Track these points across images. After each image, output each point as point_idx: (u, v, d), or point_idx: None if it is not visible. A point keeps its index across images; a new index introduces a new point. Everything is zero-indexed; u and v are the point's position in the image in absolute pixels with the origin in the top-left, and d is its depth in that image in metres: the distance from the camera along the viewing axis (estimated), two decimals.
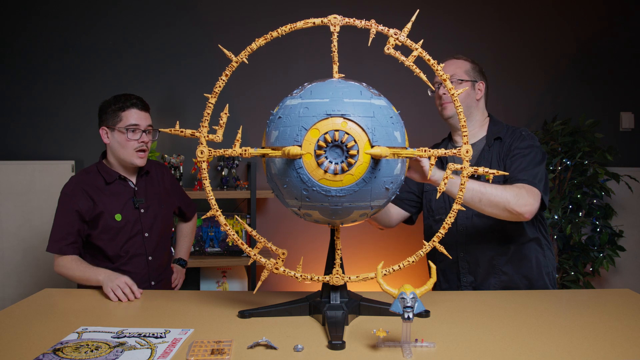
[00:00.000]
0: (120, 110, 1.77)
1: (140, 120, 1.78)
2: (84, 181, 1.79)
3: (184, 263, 2.14)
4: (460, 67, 1.73)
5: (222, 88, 1.24)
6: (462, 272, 1.71)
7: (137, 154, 1.79)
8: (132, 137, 1.77)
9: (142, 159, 1.80)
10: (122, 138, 1.77)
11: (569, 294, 1.65)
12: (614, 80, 3.39)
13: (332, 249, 1.32)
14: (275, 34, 1.21)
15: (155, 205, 1.88)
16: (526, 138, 1.68)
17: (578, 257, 3.02)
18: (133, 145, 1.77)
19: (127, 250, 1.79)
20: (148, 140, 1.80)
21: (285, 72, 3.14)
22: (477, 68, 1.76)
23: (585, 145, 3.01)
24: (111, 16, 2.99)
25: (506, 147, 1.68)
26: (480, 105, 1.76)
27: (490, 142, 1.72)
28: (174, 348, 1.11)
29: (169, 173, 2.01)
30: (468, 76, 1.73)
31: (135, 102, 1.79)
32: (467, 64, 1.75)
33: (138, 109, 1.79)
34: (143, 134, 1.78)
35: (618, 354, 1.08)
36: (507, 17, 3.31)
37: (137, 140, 1.77)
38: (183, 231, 2.18)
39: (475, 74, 1.75)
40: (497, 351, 1.10)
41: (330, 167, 1.13)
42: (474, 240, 1.69)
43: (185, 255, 2.16)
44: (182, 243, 2.17)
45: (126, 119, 1.77)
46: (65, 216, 1.74)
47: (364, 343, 1.14)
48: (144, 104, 1.82)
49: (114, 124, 1.77)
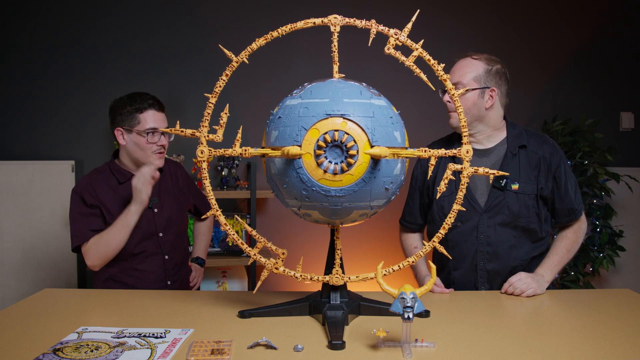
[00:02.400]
0: (138, 112, 1.73)
1: (159, 123, 1.74)
2: (95, 181, 1.78)
3: (202, 262, 2.11)
4: (472, 72, 1.62)
5: (222, 88, 1.24)
6: (480, 282, 1.66)
7: (156, 156, 1.76)
8: (152, 140, 1.73)
9: (161, 159, 1.77)
10: (142, 141, 1.73)
11: (569, 294, 1.65)
12: (614, 80, 3.40)
13: (332, 249, 1.32)
14: (276, 34, 1.21)
15: (169, 205, 1.85)
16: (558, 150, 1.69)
17: (578, 257, 3.02)
18: (152, 148, 1.74)
19: (141, 249, 1.77)
20: (166, 143, 1.77)
21: (285, 72, 3.14)
22: (494, 70, 1.63)
23: (585, 145, 3.01)
24: (111, 16, 2.99)
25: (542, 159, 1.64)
26: (494, 112, 1.65)
27: (514, 149, 1.65)
28: (174, 348, 1.11)
29: (182, 171, 1.98)
30: (477, 83, 1.61)
31: (152, 102, 1.75)
32: (480, 66, 1.62)
33: (155, 110, 1.75)
34: (162, 137, 1.75)
35: (618, 354, 1.08)
36: (507, 17, 3.31)
37: (156, 144, 1.74)
38: (200, 229, 2.15)
39: (488, 78, 1.62)
40: (497, 351, 1.10)
41: (330, 167, 1.13)
42: (496, 251, 1.65)
43: (203, 254, 2.13)
44: (200, 242, 2.14)
45: (144, 122, 1.73)
46: (80, 211, 1.73)
47: (364, 343, 1.14)
48: (160, 105, 1.78)
49: (131, 125, 1.73)
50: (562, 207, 1.66)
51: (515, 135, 1.68)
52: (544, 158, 1.64)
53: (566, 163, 1.69)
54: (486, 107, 1.63)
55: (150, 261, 1.79)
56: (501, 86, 1.66)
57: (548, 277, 1.60)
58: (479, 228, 1.65)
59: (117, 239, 1.68)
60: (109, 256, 1.71)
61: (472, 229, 1.65)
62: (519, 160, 1.65)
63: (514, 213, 1.62)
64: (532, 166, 1.64)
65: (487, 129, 1.68)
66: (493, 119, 1.67)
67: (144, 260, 1.79)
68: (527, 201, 1.62)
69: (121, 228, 1.68)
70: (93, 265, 1.72)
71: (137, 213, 1.69)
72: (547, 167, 1.64)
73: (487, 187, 1.65)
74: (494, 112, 1.66)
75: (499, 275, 1.64)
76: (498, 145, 1.69)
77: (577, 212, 1.68)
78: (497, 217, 1.63)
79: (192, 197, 1.99)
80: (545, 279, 1.59)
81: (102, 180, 1.79)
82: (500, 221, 1.63)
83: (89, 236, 1.70)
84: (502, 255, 1.64)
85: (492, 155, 1.68)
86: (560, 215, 1.68)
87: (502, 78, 1.66)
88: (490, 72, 1.63)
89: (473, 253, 1.66)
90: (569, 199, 1.66)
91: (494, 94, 1.63)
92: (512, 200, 1.62)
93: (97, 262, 1.71)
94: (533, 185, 1.63)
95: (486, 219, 1.64)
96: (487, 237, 1.64)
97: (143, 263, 1.78)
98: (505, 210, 1.62)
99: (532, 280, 1.55)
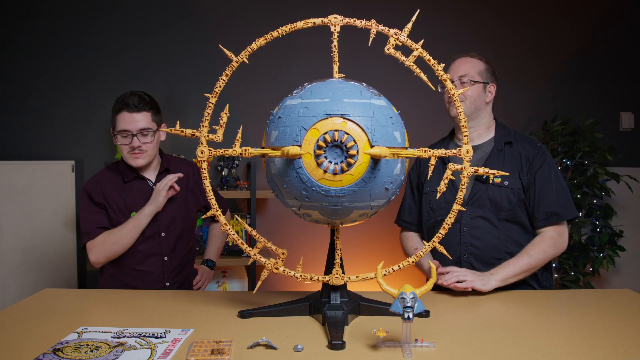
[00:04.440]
0: (115, 113, 1.74)
1: (129, 125, 1.71)
2: (102, 180, 1.80)
3: (211, 264, 2.05)
4: (475, 67, 1.71)
5: (222, 88, 1.24)
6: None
7: (131, 155, 1.75)
8: (122, 142, 1.74)
9: (138, 159, 1.75)
10: (117, 141, 1.76)
11: (569, 294, 1.65)
12: (614, 80, 3.40)
13: (332, 249, 1.32)
14: (276, 34, 1.21)
15: (175, 204, 1.84)
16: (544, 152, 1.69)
17: (578, 257, 3.02)
18: (125, 148, 1.75)
19: (142, 249, 1.77)
20: (139, 145, 1.73)
21: (285, 72, 3.14)
22: (491, 69, 1.74)
23: (585, 145, 3.01)
24: (111, 16, 2.99)
25: (524, 157, 1.67)
26: (489, 107, 1.76)
27: (500, 145, 1.71)
28: (174, 348, 1.11)
29: (195, 171, 1.95)
30: (481, 77, 1.71)
31: (127, 102, 1.71)
32: (481, 64, 1.73)
33: (128, 111, 1.71)
34: (134, 138, 1.72)
35: (618, 354, 1.08)
36: (507, 17, 3.31)
37: (128, 145, 1.73)
38: (213, 231, 2.11)
39: (488, 75, 1.73)
40: (497, 351, 1.10)
41: (330, 167, 1.13)
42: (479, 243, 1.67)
43: (214, 256, 2.07)
44: (212, 243, 2.09)
45: (118, 123, 1.73)
46: (88, 209, 1.76)
47: (364, 343, 1.14)
48: (138, 105, 1.72)
49: (113, 126, 1.76)
50: (539, 209, 1.65)
51: (503, 134, 1.75)
52: (527, 157, 1.68)
53: (553, 166, 1.69)
54: (487, 101, 1.73)
55: (149, 262, 1.79)
56: (496, 85, 1.76)
57: (498, 275, 1.56)
58: (462, 220, 1.68)
59: (126, 239, 1.72)
60: (115, 254, 1.73)
61: (456, 221, 1.68)
62: (503, 155, 1.70)
63: (496, 205, 1.65)
64: (515, 162, 1.68)
65: (480, 125, 1.75)
66: (487, 116, 1.76)
67: (143, 261, 1.78)
68: (510, 194, 1.65)
69: (132, 228, 1.71)
70: (96, 262, 1.74)
71: (150, 216, 1.73)
72: (529, 167, 1.67)
73: (470, 181, 1.70)
74: (489, 108, 1.76)
75: (484, 267, 1.65)
76: (486, 143, 1.75)
77: (559, 217, 1.64)
78: (480, 210, 1.67)
79: (203, 198, 1.96)
80: (494, 277, 1.55)
81: (109, 179, 1.81)
82: (482, 213, 1.67)
83: (96, 233, 1.73)
84: (485, 247, 1.66)
85: (479, 151, 1.74)
86: (538, 218, 1.65)
87: (496, 78, 1.77)
88: (488, 70, 1.75)
89: (457, 244, 1.69)
90: (548, 202, 1.64)
91: (493, 90, 1.74)
92: (494, 193, 1.65)
93: (101, 259, 1.73)
94: (516, 180, 1.66)
95: (469, 210, 1.67)
96: (470, 228, 1.68)
97: (142, 264, 1.78)
98: (487, 202, 1.66)
99: (470, 273, 1.54)
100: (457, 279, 1.52)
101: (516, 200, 1.65)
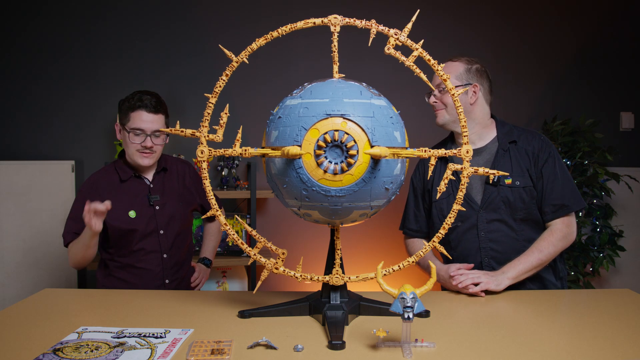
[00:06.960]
0: (130, 109, 1.74)
1: (147, 124, 1.74)
2: (100, 180, 1.81)
3: (208, 262, 2.09)
4: (453, 72, 1.69)
5: (222, 88, 1.24)
6: None
7: (140, 154, 1.77)
8: (134, 140, 1.75)
9: (146, 158, 1.77)
10: (127, 138, 1.76)
11: (569, 294, 1.65)
12: (614, 80, 3.40)
13: (332, 249, 1.32)
14: (276, 34, 1.21)
15: (172, 203, 1.85)
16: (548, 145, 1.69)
17: (578, 257, 3.02)
18: (136, 147, 1.76)
19: (141, 247, 1.79)
20: (152, 145, 1.76)
21: (285, 72, 3.14)
22: (474, 69, 1.70)
23: (585, 145, 3.01)
24: (111, 16, 2.99)
25: (530, 153, 1.67)
26: (478, 108, 1.71)
27: (505, 145, 1.70)
28: (174, 348, 1.11)
29: (192, 170, 1.97)
30: (459, 80, 1.69)
31: (145, 103, 1.74)
32: (460, 66, 1.70)
33: (147, 111, 1.73)
34: (147, 138, 1.74)
35: (618, 354, 1.08)
36: (507, 17, 3.31)
37: (139, 144, 1.75)
38: (209, 230, 2.14)
39: (469, 76, 1.69)
40: (497, 351, 1.10)
41: (330, 167, 1.13)
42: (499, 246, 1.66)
43: (210, 254, 2.11)
44: (208, 242, 2.12)
45: (132, 120, 1.74)
46: (75, 212, 1.76)
47: (364, 343, 1.14)
48: (156, 106, 1.76)
49: (123, 122, 1.76)
50: (547, 202, 1.65)
51: (506, 132, 1.73)
52: (533, 153, 1.68)
53: (558, 158, 1.69)
54: (470, 102, 1.70)
55: (148, 259, 1.80)
56: (483, 83, 1.73)
57: (510, 273, 1.57)
58: (479, 225, 1.68)
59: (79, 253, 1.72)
60: (81, 263, 1.75)
61: (472, 227, 1.69)
62: (510, 155, 1.69)
63: (510, 207, 1.65)
64: (523, 160, 1.68)
65: (474, 125, 1.73)
66: (479, 115, 1.72)
67: (143, 258, 1.80)
68: (522, 194, 1.65)
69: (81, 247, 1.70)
70: (71, 266, 1.78)
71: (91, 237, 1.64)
72: (535, 161, 1.67)
73: (481, 185, 1.69)
74: (479, 107, 1.72)
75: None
76: (489, 144, 1.73)
77: (567, 209, 1.65)
78: (495, 213, 1.67)
79: (200, 197, 1.98)
80: (506, 275, 1.56)
81: (106, 179, 1.82)
82: (498, 216, 1.66)
83: (68, 239, 1.75)
84: (505, 250, 1.66)
85: (485, 153, 1.73)
86: (546, 212, 1.66)
87: (482, 76, 1.73)
88: (470, 70, 1.71)
89: (476, 250, 1.68)
90: (555, 195, 1.65)
91: (477, 89, 1.70)
92: (507, 194, 1.65)
93: (72, 265, 1.77)
94: (527, 178, 1.66)
95: (484, 215, 1.67)
96: (487, 233, 1.67)
97: (142, 261, 1.80)
98: (502, 205, 1.66)
99: (483, 274, 1.55)
100: (472, 281, 1.53)
101: (529, 199, 1.65)
